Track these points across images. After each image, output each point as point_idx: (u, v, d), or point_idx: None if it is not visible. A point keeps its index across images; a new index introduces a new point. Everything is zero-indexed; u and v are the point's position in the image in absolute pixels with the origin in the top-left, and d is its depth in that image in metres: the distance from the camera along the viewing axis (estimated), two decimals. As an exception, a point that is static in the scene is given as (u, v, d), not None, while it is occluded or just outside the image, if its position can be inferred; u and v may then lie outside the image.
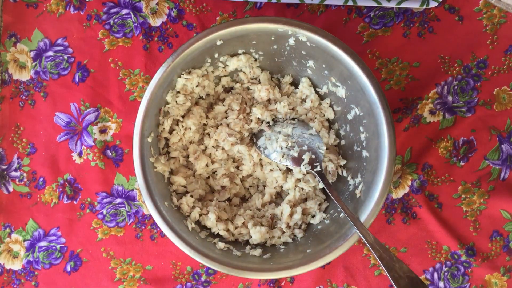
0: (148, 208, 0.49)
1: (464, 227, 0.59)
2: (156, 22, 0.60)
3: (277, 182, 0.56)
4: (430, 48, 0.60)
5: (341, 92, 0.54)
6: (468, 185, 0.59)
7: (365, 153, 0.51)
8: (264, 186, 0.58)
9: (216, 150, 0.56)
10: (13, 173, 0.60)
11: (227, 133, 0.55)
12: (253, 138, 0.57)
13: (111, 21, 0.60)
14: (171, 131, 0.55)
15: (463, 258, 0.59)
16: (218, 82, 0.58)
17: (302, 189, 0.55)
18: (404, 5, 0.56)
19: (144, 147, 0.50)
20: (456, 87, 0.60)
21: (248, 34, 0.51)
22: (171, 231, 0.48)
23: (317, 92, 0.57)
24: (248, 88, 0.58)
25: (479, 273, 0.59)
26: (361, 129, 0.52)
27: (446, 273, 0.59)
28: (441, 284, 0.59)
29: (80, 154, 0.60)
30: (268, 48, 0.54)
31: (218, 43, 0.51)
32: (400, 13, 0.60)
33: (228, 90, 0.59)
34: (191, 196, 0.54)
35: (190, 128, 0.55)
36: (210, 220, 0.52)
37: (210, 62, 0.54)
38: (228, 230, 0.53)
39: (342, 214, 0.51)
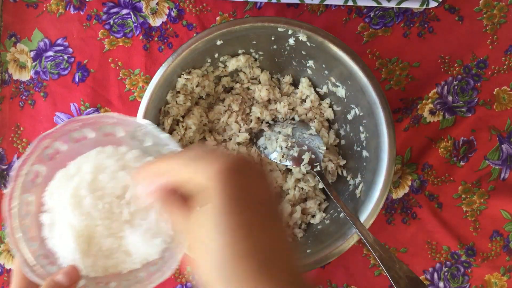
0: (148, 208, 0.49)
1: (464, 227, 0.59)
2: (156, 22, 0.60)
3: (277, 182, 0.56)
4: (430, 48, 0.60)
5: (341, 92, 0.54)
6: (468, 185, 0.59)
7: (365, 153, 0.51)
8: (264, 186, 0.58)
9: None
10: (13, 173, 0.60)
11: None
12: (253, 138, 0.57)
13: (111, 21, 0.60)
14: (171, 131, 0.55)
15: (463, 258, 0.59)
16: (218, 82, 0.58)
17: (302, 189, 0.55)
18: (404, 5, 0.56)
19: (144, 147, 0.50)
20: (456, 87, 0.60)
21: (248, 34, 0.51)
22: (171, 231, 0.48)
23: (317, 92, 0.57)
24: (248, 88, 0.58)
25: (479, 273, 0.59)
26: (361, 129, 0.52)
27: (446, 273, 0.59)
28: (441, 284, 0.59)
29: (80, 154, 0.60)
30: (268, 48, 0.54)
31: (218, 43, 0.51)
32: (400, 13, 0.60)
33: (228, 90, 0.59)
34: (191, 196, 0.54)
35: (191, 128, 0.55)
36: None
37: (210, 62, 0.54)
38: (228, 230, 0.53)
39: (342, 214, 0.51)
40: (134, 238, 0.37)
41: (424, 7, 0.56)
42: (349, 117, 0.54)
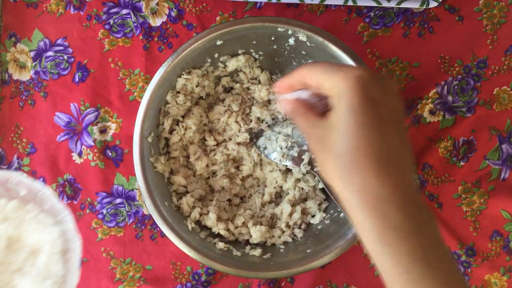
0: (148, 208, 0.49)
1: (464, 227, 0.59)
2: (156, 22, 0.60)
3: (276, 182, 0.56)
4: (430, 48, 0.60)
5: (341, 92, 0.54)
6: (468, 185, 0.59)
7: (365, 153, 0.51)
8: (265, 186, 0.58)
9: (215, 154, 0.56)
10: (13, 173, 0.60)
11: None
12: (253, 138, 0.57)
13: (111, 21, 0.60)
14: (171, 131, 0.55)
15: (463, 258, 0.59)
16: (218, 82, 0.58)
17: (302, 188, 0.55)
18: (404, 5, 0.56)
19: (144, 147, 0.50)
20: (456, 87, 0.60)
21: (248, 34, 0.51)
22: (171, 231, 0.48)
23: (317, 92, 0.57)
24: (248, 88, 0.58)
25: (479, 273, 0.59)
26: (361, 129, 0.52)
27: (446, 273, 0.59)
28: (441, 284, 0.59)
29: (80, 154, 0.60)
30: (268, 48, 0.54)
31: (218, 43, 0.51)
32: (400, 13, 0.60)
33: (228, 90, 0.59)
34: (191, 196, 0.54)
35: (191, 128, 0.55)
36: (211, 220, 0.52)
37: (210, 62, 0.54)
38: (228, 230, 0.53)
39: (342, 214, 0.51)
40: (26, 284, 0.38)
41: (424, 7, 0.56)
42: (349, 117, 0.54)
